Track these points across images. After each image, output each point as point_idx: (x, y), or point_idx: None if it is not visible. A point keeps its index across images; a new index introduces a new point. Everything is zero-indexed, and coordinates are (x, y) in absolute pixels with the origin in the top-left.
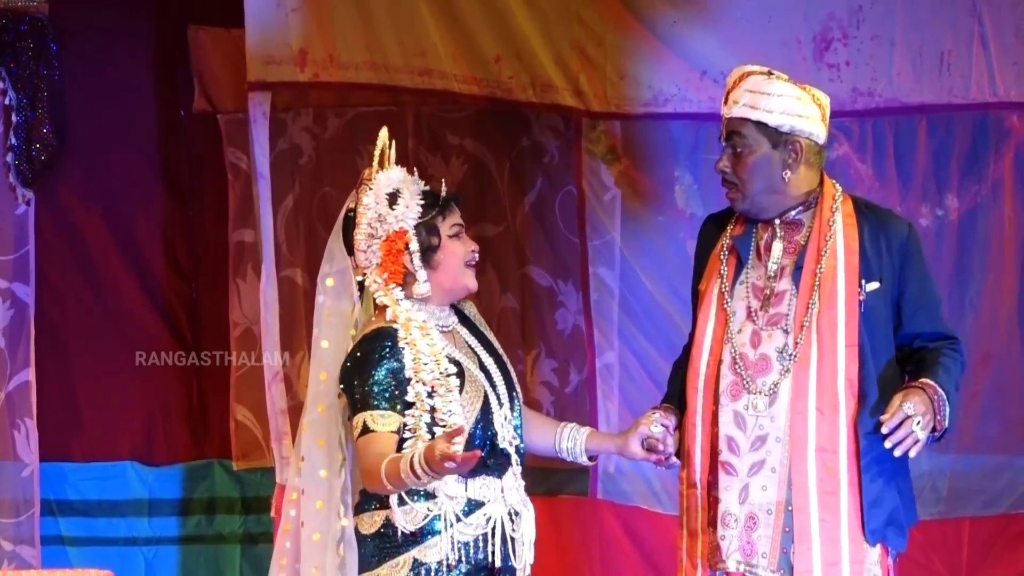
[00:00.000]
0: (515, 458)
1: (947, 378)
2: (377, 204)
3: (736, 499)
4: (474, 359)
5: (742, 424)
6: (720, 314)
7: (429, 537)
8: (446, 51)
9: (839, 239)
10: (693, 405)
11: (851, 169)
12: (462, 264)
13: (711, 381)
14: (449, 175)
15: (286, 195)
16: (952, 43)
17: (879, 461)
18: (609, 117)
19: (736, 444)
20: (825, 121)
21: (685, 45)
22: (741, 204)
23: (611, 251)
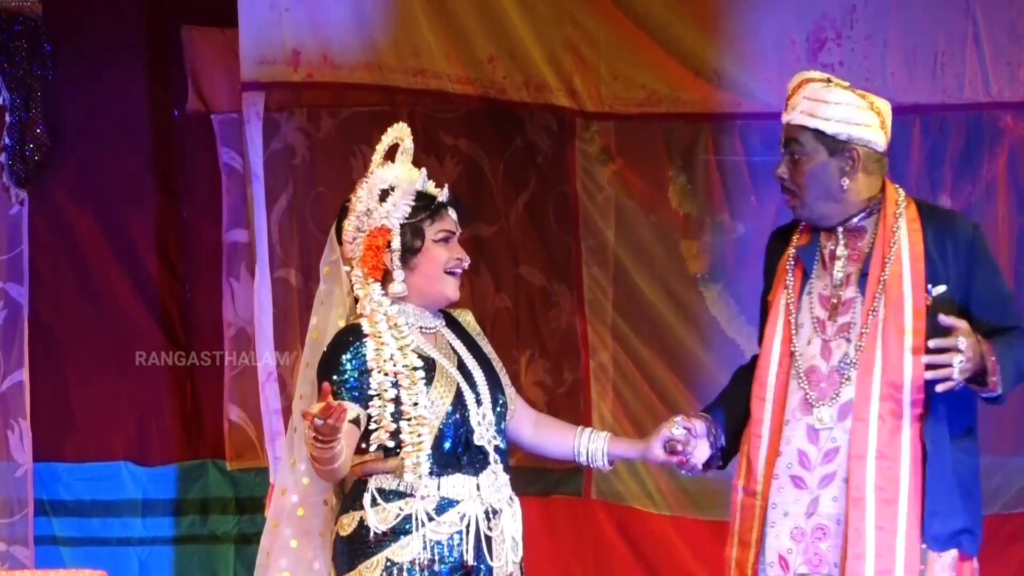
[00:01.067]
0: (494, 456)
1: (1006, 350)
2: (368, 198)
3: (804, 512)
4: (453, 359)
5: (814, 438)
6: (787, 326)
7: (402, 537)
8: (440, 51)
9: (904, 244)
10: (759, 416)
11: None
12: (441, 270)
13: (780, 395)
14: (443, 175)
15: (280, 195)
16: (946, 43)
17: (947, 468)
18: (603, 117)
19: (808, 458)
20: (885, 128)
21: (679, 45)
22: (800, 211)
23: (605, 251)
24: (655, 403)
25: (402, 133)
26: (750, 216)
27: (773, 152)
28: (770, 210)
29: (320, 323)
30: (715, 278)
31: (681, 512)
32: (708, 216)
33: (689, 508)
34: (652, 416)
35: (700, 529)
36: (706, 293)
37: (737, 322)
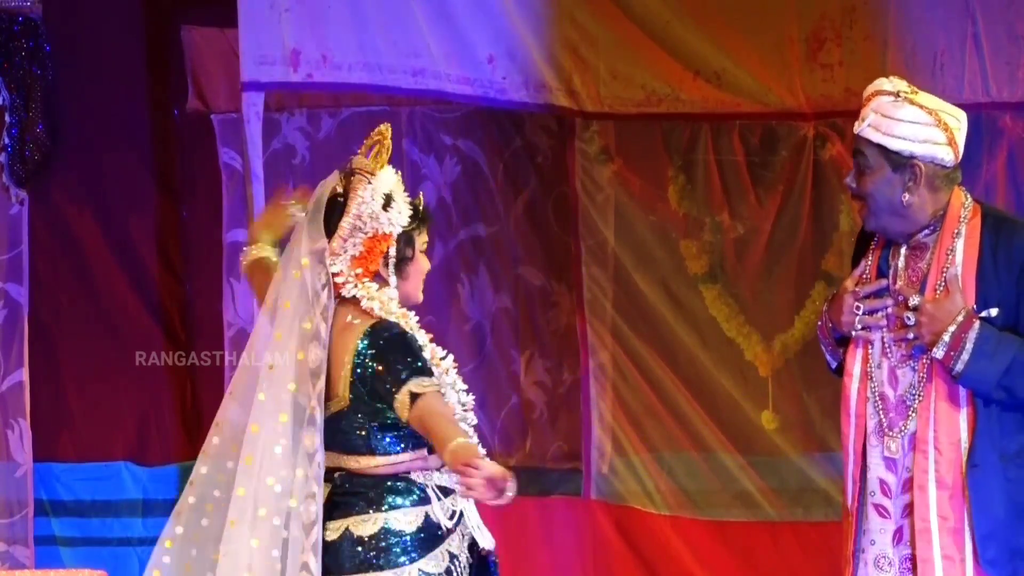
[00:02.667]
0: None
1: (1004, 342)
2: (372, 200)
3: (891, 542)
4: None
5: (892, 467)
6: (865, 345)
7: (452, 535)
8: (439, 51)
9: (959, 259)
10: (847, 430)
11: (844, 169)
12: (422, 280)
13: (860, 414)
14: (443, 176)
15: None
16: (945, 43)
17: (995, 493)
18: (602, 117)
19: (888, 487)
20: (954, 144)
21: (678, 45)
22: (869, 221)
23: (604, 251)
24: (654, 403)
25: (383, 133)
26: (749, 216)
27: (772, 152)
28: (769, 210)
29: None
30: (715, 278)
31: (680, 512)
32: (708, 216)
33: (688, 508)
34: (651, 416)
35: (699, 529)
36: (706, 293)
37: (736, 321)
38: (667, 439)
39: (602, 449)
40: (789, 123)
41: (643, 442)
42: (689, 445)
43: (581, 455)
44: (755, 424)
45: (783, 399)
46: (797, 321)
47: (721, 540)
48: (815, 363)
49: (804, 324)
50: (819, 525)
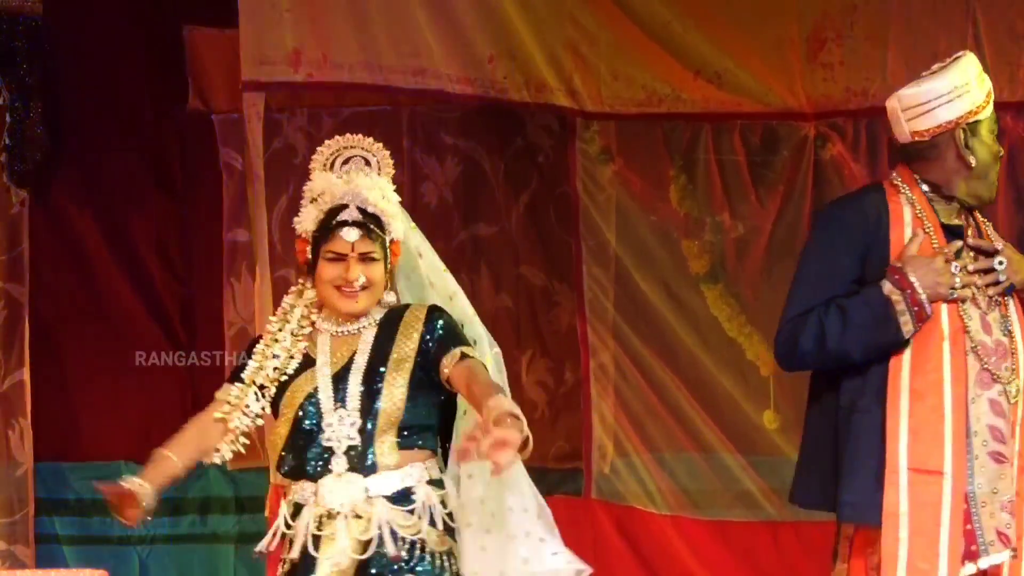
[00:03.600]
0: (343, 458)
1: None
2: (303, 203)
3: (1011, 486)
4: (341, 363)
5: (1001, 412)
6: (951, 304)
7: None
8: (440, 51)
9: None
10: (942, 388)
11: (845, 169)
12: (330, 287)
13: (960, 371)
14: (443, 175)
15: (280, 195)
16: (946, 43)
17: None
18: (603, 117)
19: (1000, 432)
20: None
21: (679, 45)
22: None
23: (605, 251)
24: (655, 403)
25: (357, 145)
26: (750, 216)
27: (773, 152)
28: (770, 210)
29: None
30: (716, 278)
31: (681, 512)
32: (708, 216)
33: (689, 508)
34: (652, 416)
35: (699, 529)
36: (707, 293)
37: (738, 321)
38: (668, 439)
39: (603, 449)
40: (790, 123)
41: (644, 442)
42: (690, 445)
43: (582, 455)
44: (756, 424)
45: (784, 399)
46: None
47: (722, 540)
48: None
49: None
50: (820, 525)
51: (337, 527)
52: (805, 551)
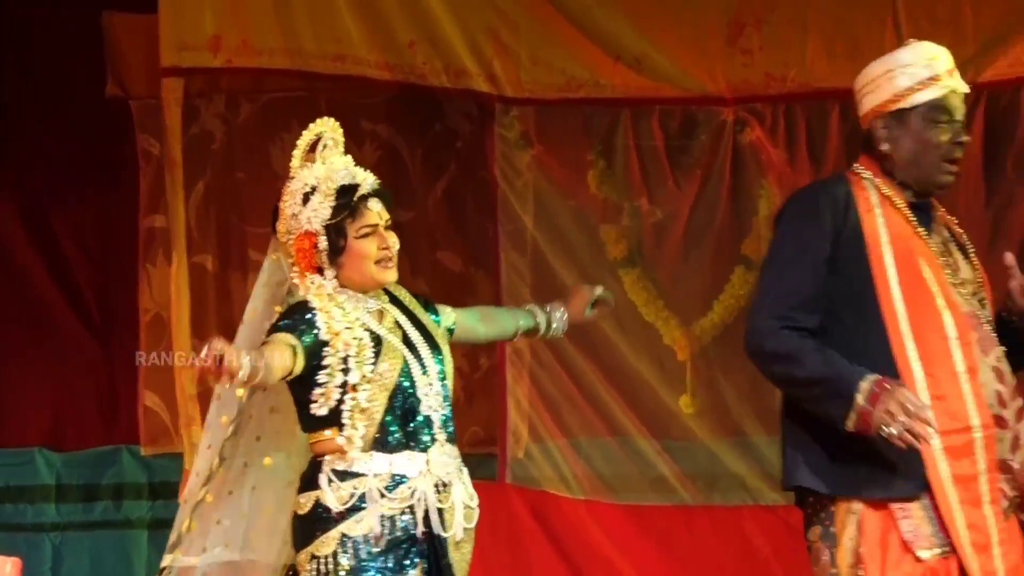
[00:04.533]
0: (440, 426)
1: None
2: (292, 203)
3: (1009, 448)
4: (398, 334)
5: (1001, 377)
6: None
7: (355, 512)
8: (360, 37)
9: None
10: (955, 356)
11: (764, 154)
12: (370, 263)
13: (965, 333)
14: (362, 161)
15: (197, 181)
16: (865, 29)
17: None
18: (523, 103)
19: (1003, 396)
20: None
21: (599, 30)
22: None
23: (523, 236)
24: (571, 388)
25: (327, 128)
26: (668, 201)
27: (691, 137)
28: (688, 194)
29: (252, 308)
30: (633, 262)
31: (596, 497)
32: (627, 201)
33: (603, 493)
34: (568, 401)
35: (614, 514)
36: (624, 277)
37: (655, 306)
38: (583, 424)
39: (518, 434)
40: (709, 108)
41: (559, 427)
42: (605, 430)
43: (497, 440)
44: (671, 409)
45: (701, 384)
46: (716, 305)
47: (637, 525)
48: (732, 348)
49: (723, 308)
50: (734, 510)
51: (454, 498)
52: (719, 536)
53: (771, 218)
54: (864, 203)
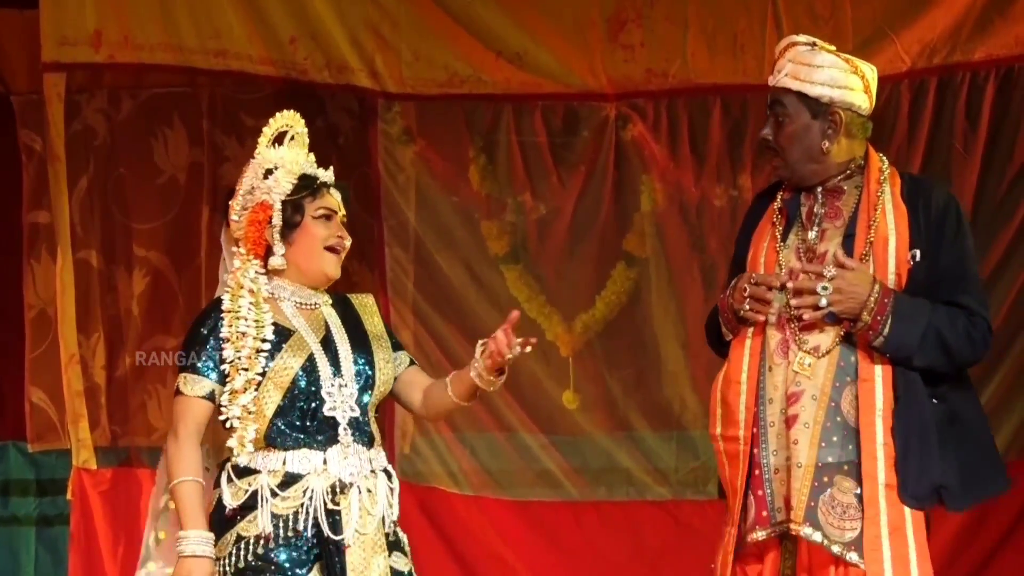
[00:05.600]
0: (345, 428)
1: (922, 308)
2: (253, 177)
3: (806, 454)
4: (320, 332)
5: (789, 381)
6: (769, 271)
7: (249, 512)
8: (242, 32)
9: (889, 208)
10: (740, 363)
11: (646, 149)
12: (320, 246)
13: (758, 342)
14: (244, 156)
15: (81, 176)
16: (746, 24)
17: (912, 427)
18: (404, 98)
19: (798, 396)
20: (869, 92)
21: (481, 26)
22: (783, 171)
23: (406, 231)
24: None
25: (292, 121)
26: (551, 197)
27: (574, 133)
28: (571, 190)
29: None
30: (516, 258)
31: (484, 492)
32: (510, 197)
33: (491, 488)
34: None
35: (502, 509)
36: (507, 273)
37: (538, 302)
38: (470, 419)
39: (405, 429)
40: (591, 104)
41: (446, 422)
42: (492, 425)
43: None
44: (557, 404)
45: (585, 379)
46: (598, 301)
47: (524, 520)
48: (617, 343)
49: (605, 304)
50: (621, 504)
51: (351, 500)
52: (607, 530)
53: (653, 214)
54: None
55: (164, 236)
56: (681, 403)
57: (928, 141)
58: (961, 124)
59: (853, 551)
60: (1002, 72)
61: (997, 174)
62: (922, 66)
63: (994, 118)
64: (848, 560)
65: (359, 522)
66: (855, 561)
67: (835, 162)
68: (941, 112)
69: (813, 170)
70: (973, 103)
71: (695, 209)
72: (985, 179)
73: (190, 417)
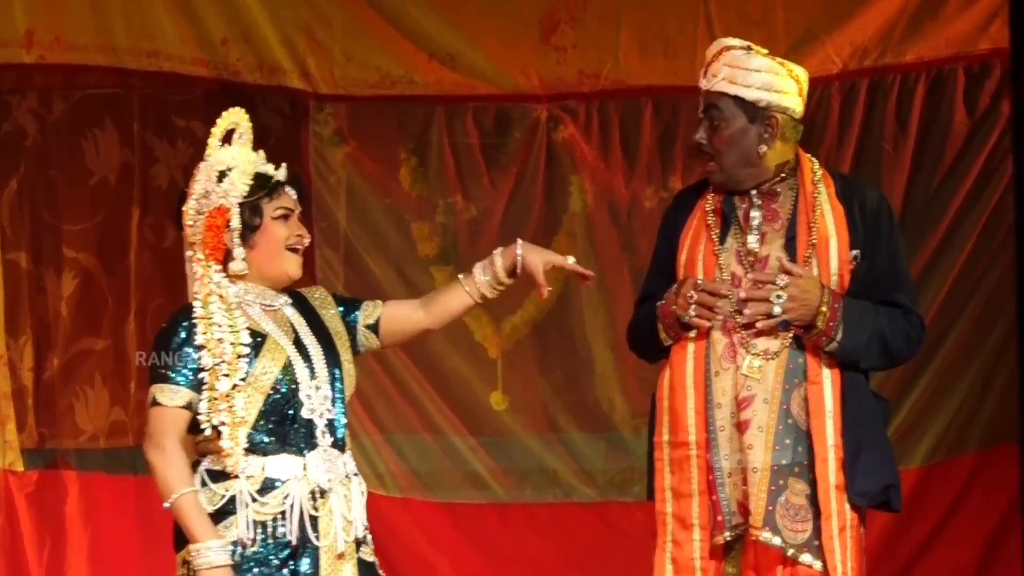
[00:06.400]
0: (323, 430)
1: (867, 312)
2: (206, 180)
3: (760, 457)
4: (290, 334)
5: (738, 385)
6: (710, 277)
7: (227, 517)
8: (174, 33)
9: (827, 208)
10: (683, 368)
11: (577, 151)
12: (282, 247)
13: (702, 346)
14: (175, 158)
15: (10, 178)
16: (678, 25)
17: (862, 427)
18: (336, 99)
19: (749, 400)
20: (803, 95)
21: (413, 27)
22: (718, 176)
23: (337, 233)
24: (385, 384)
25: (239, 118)
26: (482, 198)
27: (505, 135)
28: (503, 192)
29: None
30: (446, 260)
31: (412, 494)
32: (441, 198)
33: (419, 490)
34: (382, 397)
35: (431, 511)
36: (437, 275)
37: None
38: (398, 420)
39: None
40: (523, 105)
41: (374, 423)
42: (420, 426)
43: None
44: (485, 405)
45: (514, 380)
46: (527, 303)
47: (453, 522)
48: (546, 345)
49: (534, 306)
50: (549, 506)
51: (332, 505)
52: (534, 532)
53: (583, 215)
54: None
55: (94, 237)
56: (610, 404)
57: (858, 142)
58: (891, 126)
59: (806, 552)
60: (932, 74)
61: (927, 175)
62: (853, 68)
63: (924, 120)
64: (801, 561)
65: (338, 528)
66: (808, 562)
67: (770, 165)
68: (872, 114)
69: (749, 174)
70: (903, 105)
71: (626, 211)
72: (915, 180)
73: (172, 427)
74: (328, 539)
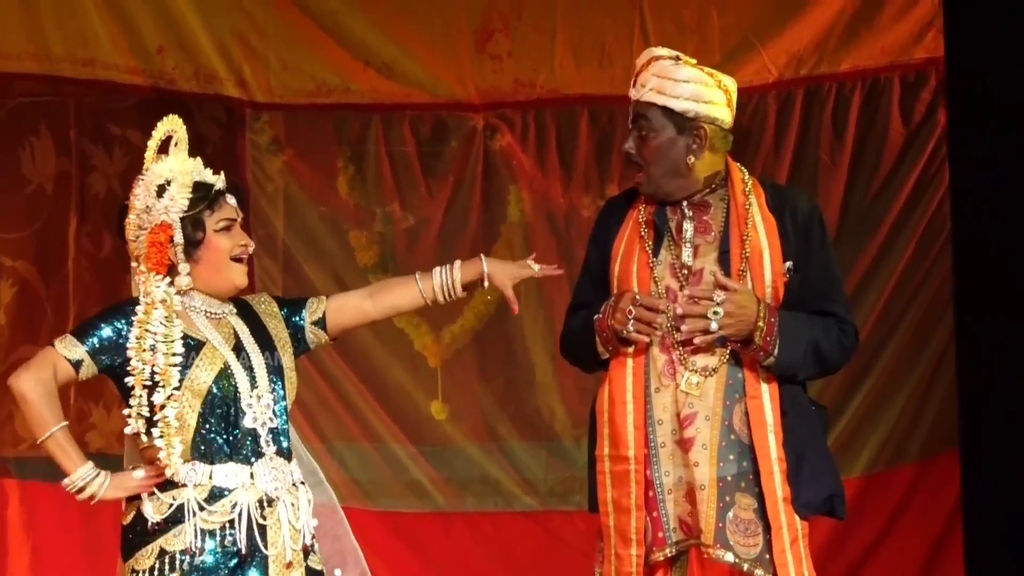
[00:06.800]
0: (267, 439)
1: (801, 323)
2: (146, 195)
3: (702, 473)
4: (231, 341)
5: (679, 402)
6: (646, 291)
7: (175, 526)
8: (109, 41)
9: (758, 220)
10: (623, 383)
11: (514, 159)
12: (226, 258)
13: (641, 361)
14: (112, 166)
15: None
16: (613, 33)
17: (803, 439)
18: (273, 107)
19: (692, 418)
20: (731, 106)
21: (348, 35)
22: (646, 187)
23: (275, 242)
24: (325, 393)
25: (175, 125)
26: (420, 207)
27: (442, 143)
28: (440, 200)
29: None
30: (385, 268)
31: (352, 503)
32: (378, 207)
33: (360, 499)
34: (323, 406)
35: (371, 520)
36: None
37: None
38: (338, 429)
39: None
40: (459, 114)
41: (315, 432)
42: (361, 435)
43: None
44: (426, 414)
45: (454, 389)
46: (467, 311)
47: (394, 531)
48: (487, 354)
49: (474, 315)
50: (490, 515)
51: (279, 514)
52: (475, 541)
53: (521, 224)
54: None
55: (32, 246)
56: (550, 413)
57: (795, 151)
58: (828, 135)
59: (759, 567)
60: (868, 83)
61: (863, 184)
62: (789, 77)
63: (860, 128)
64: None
65: (286, 536)
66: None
67: (699, 177)
68: (808, 123)
69: (678, 185)
70: (839, 114)
71: (563, 219)
72: (851, 189)
73: (52, 368)
74: (276, 548)
